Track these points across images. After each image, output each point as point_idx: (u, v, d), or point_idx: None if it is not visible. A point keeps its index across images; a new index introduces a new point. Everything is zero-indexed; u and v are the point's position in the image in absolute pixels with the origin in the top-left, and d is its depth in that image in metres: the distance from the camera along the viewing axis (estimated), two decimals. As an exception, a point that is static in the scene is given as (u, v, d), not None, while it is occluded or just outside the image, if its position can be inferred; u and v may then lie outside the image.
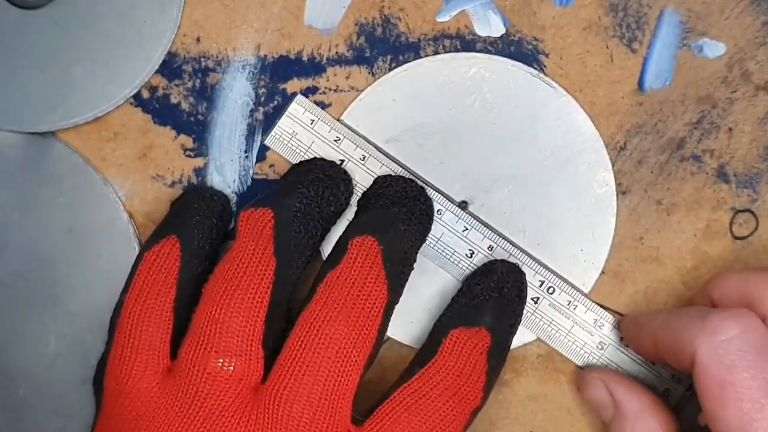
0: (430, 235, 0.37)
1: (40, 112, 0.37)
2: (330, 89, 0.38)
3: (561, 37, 0.37)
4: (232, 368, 0.32)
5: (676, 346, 0.31)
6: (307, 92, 0.38)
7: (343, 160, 0.37)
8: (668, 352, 0.32)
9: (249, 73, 0.38)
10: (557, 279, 0.37)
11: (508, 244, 0.37)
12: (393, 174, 0.37)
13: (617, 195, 0.37)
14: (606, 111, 0.37)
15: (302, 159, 0.37)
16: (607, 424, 0.35)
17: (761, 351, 0.29)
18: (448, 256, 0.37)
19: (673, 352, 0.31)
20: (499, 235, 0.37)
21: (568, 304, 0.37)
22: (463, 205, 0.38)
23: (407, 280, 0.35)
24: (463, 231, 0.37)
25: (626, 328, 0.36)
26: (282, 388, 0.31)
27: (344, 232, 0.34)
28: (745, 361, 0.29)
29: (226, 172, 0.38)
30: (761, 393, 0.28)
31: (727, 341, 0.29)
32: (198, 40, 0.38)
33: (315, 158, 0.37)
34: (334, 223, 0.36)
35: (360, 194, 0.37)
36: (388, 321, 0.34)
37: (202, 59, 0.38)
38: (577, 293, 0.37)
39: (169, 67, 0.38)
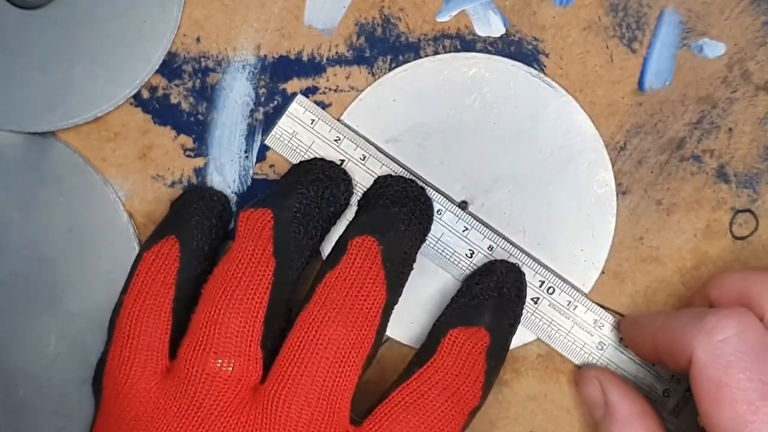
0: (430, 235, 0.37)
1: (40, 112, 0.37)
2: (330, 89, 0.38)
3: (561, 37, 0.37)
4: (230, 369, 0.32)
5: (674, 346, 0.31)
6: (307, 92, 0.38)
7: (343, 160, 0.37)
8: (666, 353, 0.32)
9: (249, 73, 0.38)
10: (557, 279, 0.37)
11: (508, 244, 0.37)
12: (393, 174, 0.37)
13: (617, 195, 0.37)
14: (606, 111, 0.37)
15: (302, 159, 0.37)
16: (597, 423, 0.35)
17: (758, 351, 0.29)
18: (448, 256, 0.37)
19: (671, 353, 0.31)
20: (499, 235, 0.37)
21: (568, 305, 0.37)
22: (463, 205, 0.38)
23: (407, 280, 0.35)
24: (463, 231, 0.37)
25: (626, 330, 0.36)
26: (280, 389, 0.31)
27: (344, 232, 0.34)
28: (742, 362, 0.29)
29: (226, 172, 0.38)
30: (757, 395, 0.28)
31: (724, 341, 0.29)
32: (198, 40, 0.38)
33: (315, 158, 0.37)
34: (334, 223, 0.36)
35: (360, 194, 0.37)
36: (387, 321, 0.34)
37: (202, 59, 0.38)
38: (577, 293, 0.37)
39: (169, 67, 0.38)
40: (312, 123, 0.38)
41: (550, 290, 0.37)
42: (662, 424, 0.34)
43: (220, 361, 0.32)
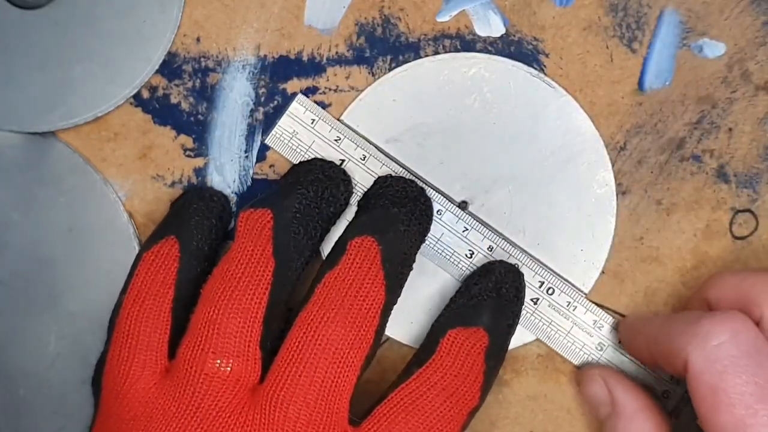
0: (430, 235, 0.37)
1: (40, 112, 0.37)
2: (330, 89, 0.38)
3: (561, 37, 0.37)
4: (229, 369, 0.32)
5: (669, 353, 0.31)
6: (307, 92, 0.38)
7: (343, 160, 0.37)
8: (662, 358, 0.32)
9: (249, 73, 0.38)
10: (557, 280, 0.37)
11: (508, 244, 0.37)
12: (393, 174, 0.37)
13: (617, 195, 0.37)
14: (606, 111, 0.37)
15: (303, 158, 0.37)
16: (602, 422, 0.35)
17: (752, 354, 0.29)
18: (448, 257, 0.37)
19: (666, 358, 0.31)
20: (499, 235, 0.37)
21: (568, 305, 0.37)
22: (463, 205, 0.38)
23: (406, 280, 0.35)
24: (463, 231, 0.37)
25: (623, 333, 0.36)
26: (279, 389, 0.31)
27: (344, 232, 0.34)
28: (737, 367, 0.29)
29: (226, 172, 0.38)
30: (754, 398, 0.28)
31: (718, 346, 0.29)
32: (198, 40, 0.38)
33: (315, 159, 0.37)
34: (334, 223, 0.36)
35: (360, 194, 0.37)
36: (386, 322, 0.33)
37: (202, 59, 0.38)
38: (577, 294, 0.37)
39: (169, 67, 0.38)
40: (312, 123, 0.38)
41: (550, 291, 0.37)
42: (667, 418, 0.34)
43: (218, 361, 0.32)
